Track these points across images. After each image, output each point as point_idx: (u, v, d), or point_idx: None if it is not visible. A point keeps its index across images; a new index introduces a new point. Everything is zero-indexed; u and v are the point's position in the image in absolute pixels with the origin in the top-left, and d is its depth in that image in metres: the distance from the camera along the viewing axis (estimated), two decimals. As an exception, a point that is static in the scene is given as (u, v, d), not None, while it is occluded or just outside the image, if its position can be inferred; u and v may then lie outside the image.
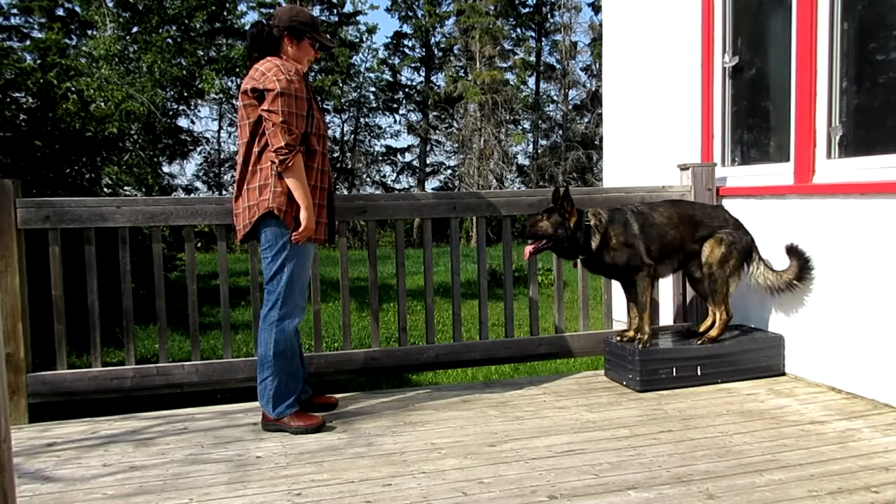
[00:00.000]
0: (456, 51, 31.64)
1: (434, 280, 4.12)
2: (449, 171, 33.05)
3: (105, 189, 7.81)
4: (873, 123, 3.57)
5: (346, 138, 32.71)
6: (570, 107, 31.48)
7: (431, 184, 32.99)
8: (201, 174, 30.64)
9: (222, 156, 30.49)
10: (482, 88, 28.37)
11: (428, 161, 32.98)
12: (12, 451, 1.72)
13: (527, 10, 32.09)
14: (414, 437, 2.97)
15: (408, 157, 33.35)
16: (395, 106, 33.16)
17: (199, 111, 30.87)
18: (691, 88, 4.57)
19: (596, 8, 29.74)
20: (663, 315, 4.28)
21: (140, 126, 15.77)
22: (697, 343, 3.72)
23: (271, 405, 3.07)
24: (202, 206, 3.54)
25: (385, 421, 3.21)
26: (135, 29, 17.85)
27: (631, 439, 2.87)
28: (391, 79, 32.74)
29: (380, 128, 33.40)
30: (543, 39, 32.65)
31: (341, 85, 30.79)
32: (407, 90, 33.26)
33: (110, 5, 17.90)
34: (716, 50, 4.39)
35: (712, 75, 4.41)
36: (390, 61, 32.58)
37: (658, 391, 3.56)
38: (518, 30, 32.30)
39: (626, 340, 3.77)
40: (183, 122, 24.74)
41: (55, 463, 2.78)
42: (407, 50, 32.86)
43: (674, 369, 3.61)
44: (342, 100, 31.21)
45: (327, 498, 2.38)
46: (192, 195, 22.83)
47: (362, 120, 32.88)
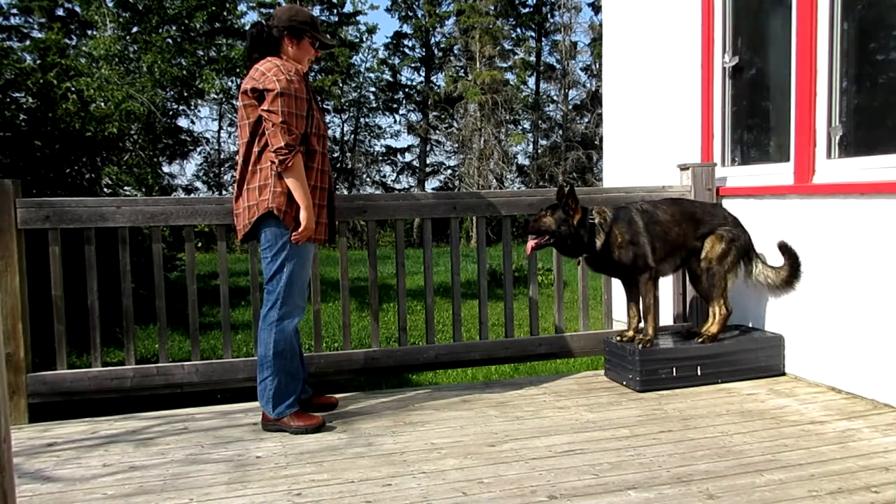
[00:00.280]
0: (456, 51, 31.65)
1: (434, 280, 4.12)
2: (449, 171, 33.07)
3: (105, 189, 7.81)
4: (873, 123, 3.57)
5: (346, 138, 32.72)
6: (570, 107, 31.49)
7: (431, 184, 33.03)
8: (201, 174, 30.65)
9: (222, 156, 30.50)
10: (482, 88, 28.37)
11: (428, 161, 32.99)
12: (12, 451, 1.72)
13: (527, 10, 32.09)
14: (414, 437, 2.97)
15: (408, 157, 33.39)
16: (395, 106, 33.16)
17: (199, 111, 30.93)
18: (691, 88, 4.57)
19: (596, 8, 29.74)
20: (663, 315, 4.27)
21: (140, 126, 15.78)
22: (698, 341, 3.72)
23: (271, 405, 3.07)
24: (202, 206, 3.54)
25: (385, 421, 3.21)
26: (135, 29, 17.87)
27: (631, 439, 2.87)
28: (391, 79, 32.75)
29: (380, 128, 33.43)
30: (543, 39, 32.67)
31: (341, 85, 30.79)
32: (407, 90, 33.26)
33: (110, 5, 17.92)
34: (716, 50, 4.40)
35: (712, 75, 4.41)
36: (390, 61, 32.59)
37: (658, 391, 3.56)
38: (518, 30, 32.31)
39: (626, 340, 3.77)
40: (183, 122, 24.81)
41: (55, 463, 2.78)
42: (407, 50, 32.88)
43: (674, 369, 3.61)
44: (342, 100, 31.22)
45: (327, 498, 2.38)
46: (192, 195, 22.81)
47: (362, 120, 32.89)
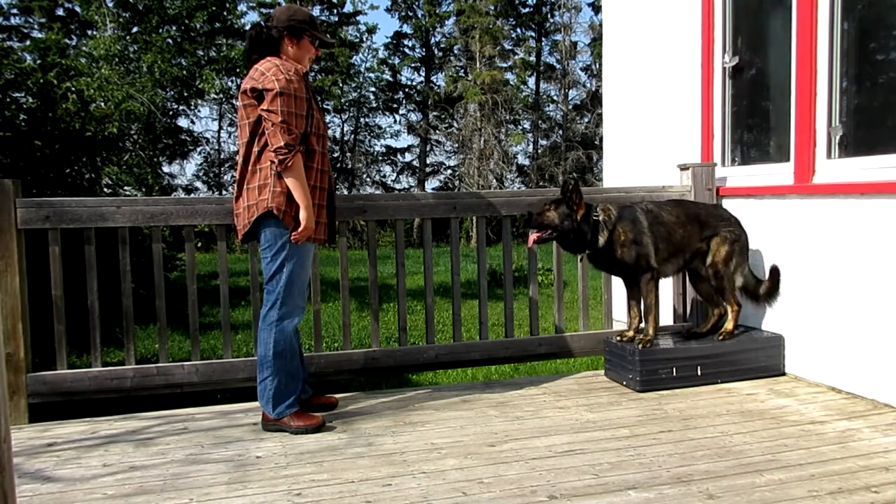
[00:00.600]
0: (456, 51, 31.64)
1: (434, 280, 4.12)
2: (449, 171, 33.06)
3: (105, 189, 7.80)
4: (873, 123, 3.57)
5: (346, 138, 32.71)
6: (570, 107, 31.49)
7: (431, 184, 33.02)
8: (201, 174, 30.65)
9: (222, 156, 30.50)
10: (482, 88, 28.37)
11: (428, 161, 32.98)
12: (12, 451, 1.72)
13: (527, 10, 32.08)
14: (414, 437, 2.97)
15: (408, 157, 33.38)
16: (395, 106, 33.15)
17: (199, 111, 30.97)
18: (691, 88, 4.57)
19: (596, 8, 29.74)
20: (663, 315, 4.27)
21: (140, 126, 15.78)
22: (718, 339, 3.76)
23: (271, 405, 3.07)
24: (202, 206, 3.54)
25: (385, 421, 3.21)
26: (135, 29, 17.88)
27: (631, 439, 2.87)
28: (391, 79, 32.74)
29: (380, 128, 33.42)
30: (543, 39, 32.67)
31: (341, 85, 30.79)
32: (407, 90, 33.25)
33: (110, 5, 17.92)
34: (716, 50, 4.40)
35: (712, 75, 4.41)
36: (390, 61, 32.59)
37: (658, 391, 3.56)
38: (518, 30, 32.30)
39: (626, 340, 3.77)
40: (183, 122, 24.84)
41: (55, 463, 2.78)
42: (407, 50, 32.87)
43: (674, 369, 3.61)
44: (342, 100, 31.21)
45: (327, 498, 2.38)
46: (192, 195, 22.82)
47: (362, 120, 32.89)
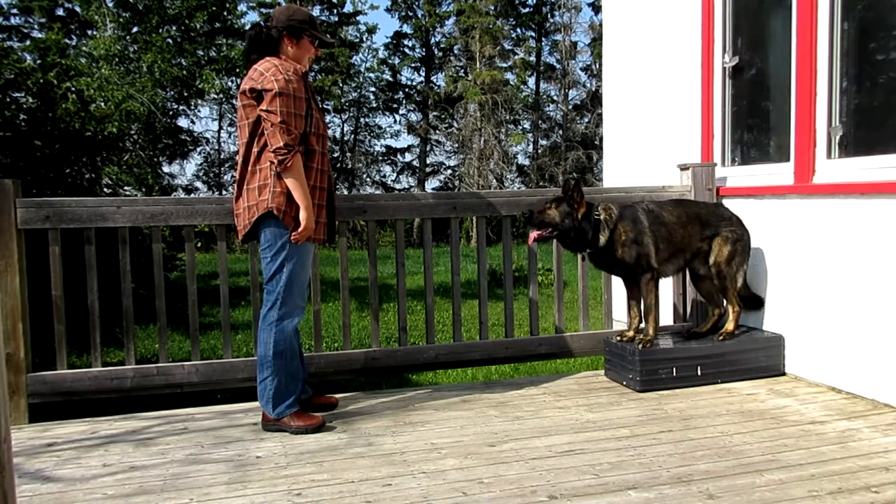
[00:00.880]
0: (456, 51, 31.64)
1: (434, 280, 4.11)
2: (449, 171, 33.06)
3: (105, 189, 7.80)
4: (873, 123, 3.57)
5: (346, 138, 32.71)
6: (570, 107, 31.48)
7: (431, 184, 33.01)
8: (201, 174, 30.66)
9: (222, 156, 30.51)
10: (482, 88, 28.37)
11: (428, 161, 32.98)
12: (12, 451, 1.72)
13: (527, 10, 32.08)
14: (414, 437, 2.97)
15: (408, 157, 33.38)
16: (395, 106, 33.15)
17: (199, 111, 30.96)
18: (691, 88, 4.57)
19: (596, 8, 29.74)
20: (663, 315, 4.27)
21: (140, 126, 15.79)
22: (718, 339, 3.76)
23: (271, 405, 3.07)
24: (202, 206, 3.54)
25: (385, 421, 3.21)
26: (135, 29, 17.88)
27: (631, 439, 2.87)
28: (391, 79, 32.73)
29: (380, 128, 33.42)
30: (543, 39, 32.67)
31: (341, 85, 30.79)
32: (407, 90, 33.25)
33: (110, 5, 17.92)
34: (716, 50, 4.40)
35: (712, 75, 4.41)
36: (390, 61, 32.58)
37: (658, 391, 3.56)
38: (518, 30, 32.30)
39: (626, 340, 3.77)
40: (183, 122, 24.84)
41: (55, 463, 2.78)
42: (407, 50, 32.86)
43: (674, 369, 3.61)
44: (342, 100, 31.21)
45: (327, 498, 2.38)
46: (192, 195, 22.82)
47: (362, 120, 32.89)
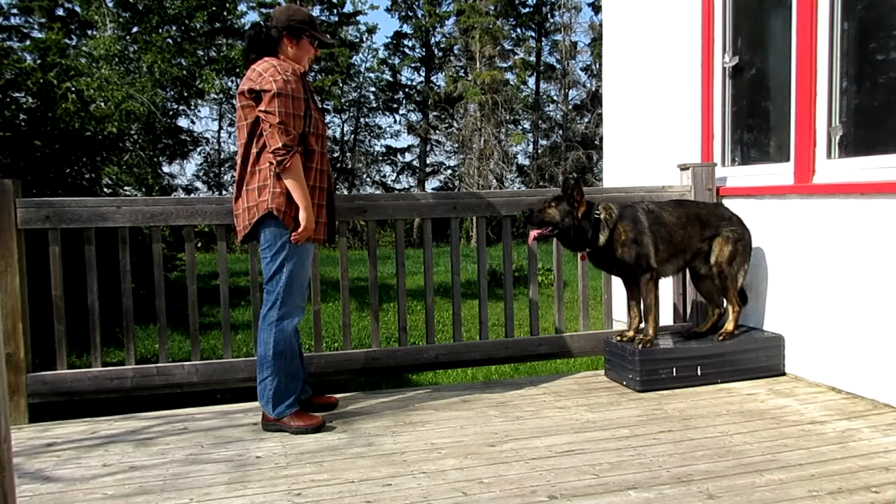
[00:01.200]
0: (456, 51, 31.64)
1: (434, 280, 4.11)
2: (449, 171, 33.06)
3: (105, 189, 7.80)
4: (873, 123, 3.57)
5: (346, 138, 32.71)
6: (570, 107, 31.48)
7: (431, 184, 33.02)
8: (201, 174, 30.66)
9: (222, 156, 30.51)
10: (482, 88, 28.37)
11: (428, 161, 32.98)
12: (12, 451, 1.72)
13: (527, 10, 32.08)
14: (414, 437, 2.97)
15: (408, 157, 33.38)
16: (395, 106, 33.15)
17: (199, 111, 30.98)
18: (691, 88, 4.57)
19: (596, 8, 29.74)
20: (663, 315, 4.27)
21: (140, 126, 15.79)
22: (718, 339, 3.76)
23: (271, 405, 3.07)
24: (202, 206, 3.54)
25: (385, 421, 3.21)
26: (135, 29, 17.89)
27: (631, 439, 2.87)
28: (391, 79, 32.73)
29: (380, 128, 33.42)
30: (543, 39, 32.66)
31: (341, 85, 30.79)
32: (407, 90, 33.25)
33: (110, 5, 17.93)
34: (716, 50, 4.40)
35: (712, 75, 4.41)
36: (390, 61, 32.58)
37: (658, 391, 3.56)
38: (518, 30, 32.30)
39: (627, 340, 3.77)
40: (183, 122, 24.87)
41: (55, 463, 2.78)
42: (407, 50, 32.86)
43: (674, 369, 3.61)
44: (342, 100, 31.21)
45: (327, 498, 2.38)
46: (192, 195, 22.82)
47: (362, 120, 32.89)
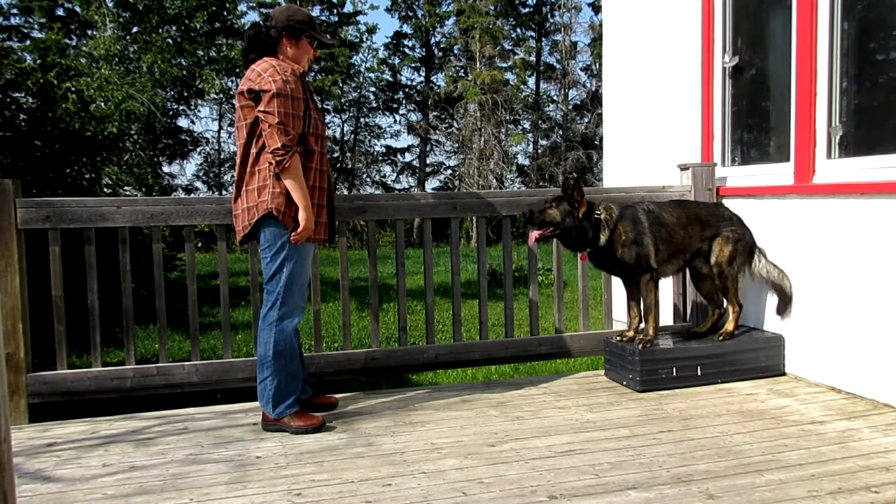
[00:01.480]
0: (456, 51, 31.64)
1: (434, 280, 4.11)
2: (449, 171, 33.06)
3: (105, 189, 7.80)
4: (873, 123, 3.57)
5: (346, 138, 32.71)
6: (570, 107, 31.48)
7: (431, 184, 33.02)
8: (201, 174, 30.67)
9: (222, 156, 30.50)
10: (482, 88, 28.37)
11: (428, 161, 32.98)
12: (12, 451, 1.72)
13: (527, 10, 32.08)
14: (414, 437, 2.97)
15: (408, 157, 33.39)
16: (395, 106, 33.15)
17: (199, 111, 30.98)
18: (691, 88, 4.57)
19: (596, 8, 29.74)
20: (663, 315, 4.27)
21: (140, 126, 15.80)
22: (718, 339, 3.76)
23: (271, 405, 3.07)
24: (202, 206, 3.54)
25: (385, 421, 3.21)
26: (135, 29, 17.90)
27: (631, 439, 2.87)
28: (391, 79, 32.73)
29: (380, 128, 33.43)
30: (543, 39, 32.66)
31: (341, 85, 30.79)
32: (407, 90, 33.25)
33: (110, 5, 17.93)
34: (716, 50, 4.40)
35: (712, 75, 4.41)
36: (390, 61, 32.58)
37: (658, 391, 3.56)
38: (518, 30, 32.30)
39: (626, 340, 3.77)
40: (183, 122, 24.88)
41: (55, 463, 2.78)
42: (407, 50, 32.87)
43: (674, 369, 3.61)
44: (342, 100, 31.21)
45: (327, 498, 2.38)
46: (192, 195, 22.82)
47: (362, 120, 32.89)
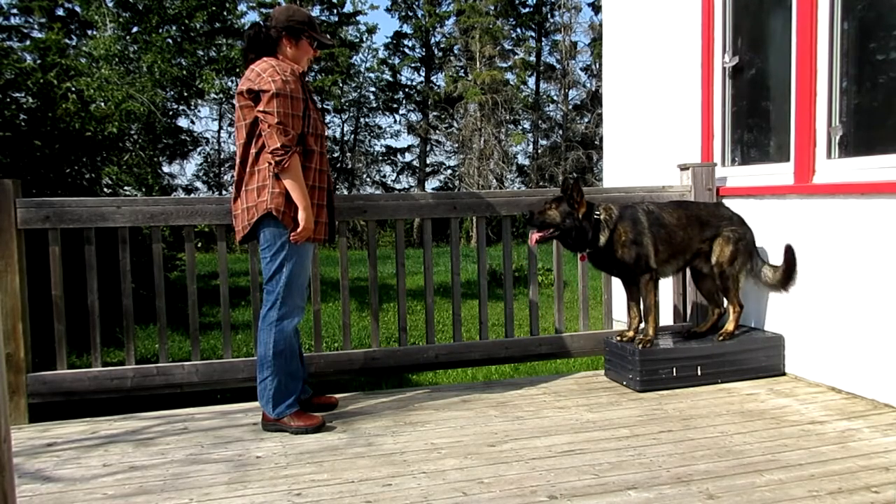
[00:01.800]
0: (456, 51, 31.62)
1: (434, 280, 4.12)
2: (449, 171, 33.05)
3: (105, 189, 7.81)
4: (873, 123, 3.57)
5: (346, 138, 32.70)
6: (570, 107, 31.47)
7: (431, 184, 33.01)
8: (201, 174, 30.65)
9: (222, 156, 30.49)
10: (482, 88, 28.36)
11: (428, 161, 32.97)
12: (12, 451, 1.72)
13: (527, 10, 32.07)
14: (414, 437, 2.97)
15: (408, 157, 33.37)
16: (395, 106, 33.14)
17: (199, 111, 30.97)
18: (691, 88, 4.57)
19: (596, 8, 29.73)
20: (663, 315, 4.28)
21: (140, 126, 15.80)
22: (718, 340, 3.76)
23: (271, 405, 3.07)
24: (202, 206, 3.54)
25: (385, 421, 3.21)
26: (135, 29, 17.90)
27: (631, 439, 2.87)
28: (391, 79, 32.72)
29: (380, 128, 33.40)
30: (543, 39, 32.65)
31: (341, 85, 30.77)
32: (407, 90, 33.24)
33: (110, 5, 17.93)
34: (716, 50, 4.40)
35: (712, 75, 4.41)
36: (390, 61, 32.56)
37: (658, 391, 3.56)
38: (518, 30, 32.28)
39: (627, 340, 3.77)
40: (183, 122, 24.87)
41: (55, 463, 2.78)
42: (407, 50, 32.85)
43: (674, 369, 3.61)
44: (342, 100, 31.20)
45: (327, 498, 2.38)
46: (192, 195, 22.82)
47: (362, 120, 32.87)
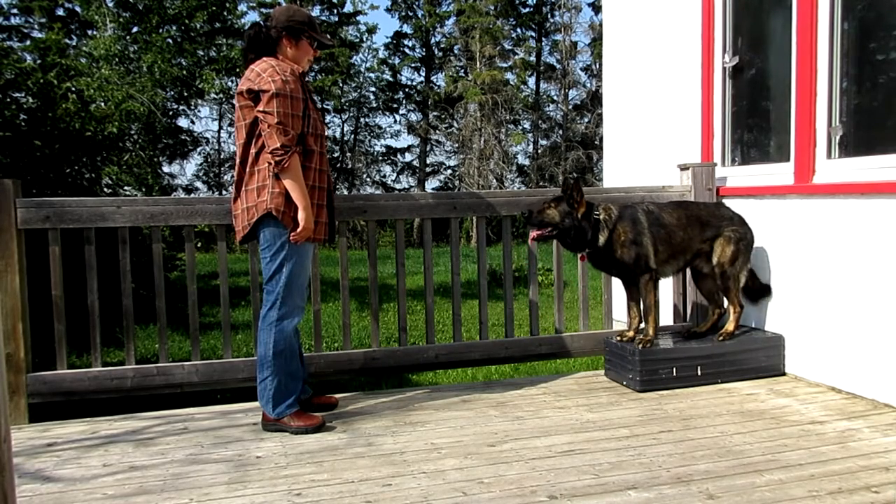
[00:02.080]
0: (456, 51, 31.63)
1: (434, 280, 4.12)
2: (449, 171, 33.06)
3: (105, 189, 7.81)
4: (873, 123, 3.57)
5: (346, 138, 32.70)
6: (570, 107, 31.47)
7: (431, 184, 33.01)
8: (201, 174, 30.65)
9: (222, 156, 30.50)
10: (482, 88, 28.36)
11: (428, 161, 32.97)
12: (12, 451, 1.72)
13: (527, 10, 32.07)
14: (414, 437, 2.97)
15: (408, 157, 33.38)
16: (395, 106, 33.14)
17: (199, 111, 30.98)
18: (691, 88, 4.57)
19: (596, 8, 29.74)
20: (663, 315, 4.27)
21: (140, 126, 15.80)
22: (718, 340, 3.76)
23: (271, 405, 3.07)
24: (202, 206, 3.54)
25: (385, 421, 3.21)
26: (135, 29, 17.90)
27: (631, 439, 2.87)
28: (391, 79, 32.72)
29: (380, 128, 33.40)
30: (543, 39, 32.66)
31: (341, 85, 30.78)
32: (407, 90, 33.24)
33: (110, 5, 17.94)
34: (716, 50, 4.40)
35: (712, 75, 4.41)
36: (390, 61, 32.56)
37: (658, 391, 3.56)
38: (518, 30, 32.29)
39: (627, 340, 3.77)
40: (183, 122, 24.87)
41: (55, 463, 2.78)
42: (407, 50, 32.86)
43: (674, 369, 3.61)
44: (342, 100, 31.20)
45: (327, 498, 2.38)
46: (192, 195, 22.82)
47: (362, 120, 32.88)
